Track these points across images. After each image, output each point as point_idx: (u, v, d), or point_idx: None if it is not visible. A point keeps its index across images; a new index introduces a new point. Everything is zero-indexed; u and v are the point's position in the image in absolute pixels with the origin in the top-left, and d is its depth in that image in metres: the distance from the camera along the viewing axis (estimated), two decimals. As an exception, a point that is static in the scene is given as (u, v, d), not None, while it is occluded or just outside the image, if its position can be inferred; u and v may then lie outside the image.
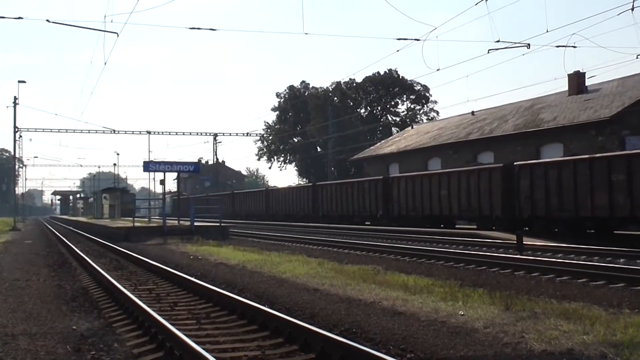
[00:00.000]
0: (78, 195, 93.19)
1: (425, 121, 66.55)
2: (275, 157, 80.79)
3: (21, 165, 79.00)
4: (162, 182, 33.60)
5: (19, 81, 46.55)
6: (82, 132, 57.31)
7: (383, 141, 55.53)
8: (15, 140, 49.58)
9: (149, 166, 30.73)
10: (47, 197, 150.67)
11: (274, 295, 9.62)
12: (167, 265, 13.86)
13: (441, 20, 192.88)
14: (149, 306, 8.05)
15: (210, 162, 76.99)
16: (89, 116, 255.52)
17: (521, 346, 5.99)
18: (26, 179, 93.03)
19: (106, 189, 58.91)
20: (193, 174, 50.45)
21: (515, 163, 23.85)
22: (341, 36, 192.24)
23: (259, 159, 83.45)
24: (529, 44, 22.66)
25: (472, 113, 44.14)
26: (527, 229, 22.02)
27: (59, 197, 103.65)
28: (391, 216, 31.76)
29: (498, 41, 22.51)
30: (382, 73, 70.64)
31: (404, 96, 72.92)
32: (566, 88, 35.99)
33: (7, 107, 48.51)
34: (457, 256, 15.28)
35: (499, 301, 8.20)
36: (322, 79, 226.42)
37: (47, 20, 26.93)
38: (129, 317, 8.08)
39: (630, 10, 17.19)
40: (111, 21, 40.73)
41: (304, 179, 74.32)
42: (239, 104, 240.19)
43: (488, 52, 23.80)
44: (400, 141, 48.91)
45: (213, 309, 8.63)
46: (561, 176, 21.01)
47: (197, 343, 5.92)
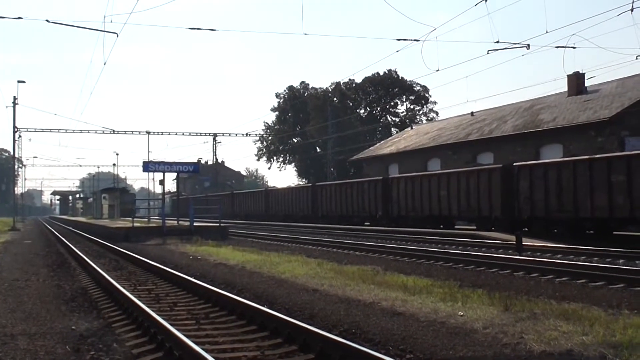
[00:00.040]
0: (77, 196, 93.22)
1: (424, 122, 66.60)
2: (275, 158, 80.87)
3: (20, 165, 79.01)
4: (162, 182, 33.62)
5: (18, 81, 46.67)
6: (81, 132, 57.32)
7: (382, 142, 55.55)
8: (14, 140, 49.68)
9: (148, 166, 30.73)
10: (46, 197, 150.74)
11: (273, 296, 9.62)
12: (166, 266, 13.86)
13: (441, 21, 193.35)
14: (148, 306, 8.05)
15: (210, 163, 77.02)
16: (88, 116, 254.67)
17: (520, 347, 5.99)
18: (25, 179, 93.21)
19: (105, 189, 58.92)
20: (192, 174, 50.42)
21: (515, 164, 23.87)
22: (341, 37, 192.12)
23: (258, 160, 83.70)
24: (528, 45, 22.67)
25: (472, 114, 44.15)
26: (526, 229, 22.01)
27: (58, 197, 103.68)
28: (390, 217, 31.77)
29: (498, 42, 22.51)
30: (381, 73, 70.71)
31: (404, 97, 72.98)
32: (566, 89, 36.02)
33: (7, 107, 48.57)
34: (457, 257, 15.29)
35: (498, 302, 8.20)
36: (321, 80, 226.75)
37: (47, 21, 26.98)
38: (129, 318, 8.08)
39: (629, 11, 17.16)
40: (111, 21, 40.81)
41: (304, 180, 74.35)
42: (238, 104, 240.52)
43: (488, 53, 23.84)
44: (400, 142, 48.92)
45: (212, 309, 8.63)
46: (561, 177, 21.02)
47: (196, 343, 5.92)
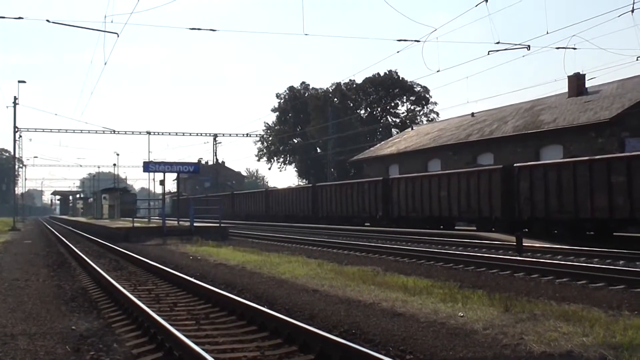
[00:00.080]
0: (78, 196, 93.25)
1: (425, 122, 66.57)
2: (275, 158, 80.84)
3: (21, 165, 79.04)
4: (162, 182, 33.64)
5: (19, 81, 46.64)
6: (82, 132, 57.44)
7: (383, 142, 55.54)
8: (15, 140, 49.67)
9: (148, 166, 30.74)
10: (46, 197, 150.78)
11: (273, 296, 9.61)
12: (166, 266, 13.86)
13: (441, 22, 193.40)
14: (148, 307, 8.05)
15: (210, 163, 77.03)
16: (88, 116, 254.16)
17: (520, 348, 5.99)
18: (26, 179, 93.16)
19: (106, 189, 58.93)
20: (193, 174, 50.37)
21: (515, 164, 23.86)
22: (341, 37, 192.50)
23: (258, 160, 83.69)
24: (529, 46, 22.66)
25: (472, 114, 44.14)
26: (526, 230, 22.00)
27: (58, 197, 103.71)
28: (391, 217, 31.76)
29: (498, 42, 22.48)
30: (382, 74, 70.67)
31: (404, 97, 72.93)
32: (566, 90, 36.00)
33: (7, 107, 48.54)
34: (457, 257, 15.28)
35: (498, 303, 8.20)
36: (322, 80, 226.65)
37: (47, 21, 27.00)
38: (129, 318, 8.08)
39: (630, 12, 17.19)
40: (111, 21, 40.87)
41: (304, 180, 74.32)
42: (239, 105, 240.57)
43: (488, 54, 23.82)
44: (400, 142, 48.91)
45: (212, 310, 8.63)
46: (561, 178, 21.01)
47: (196, 344, 5.92)
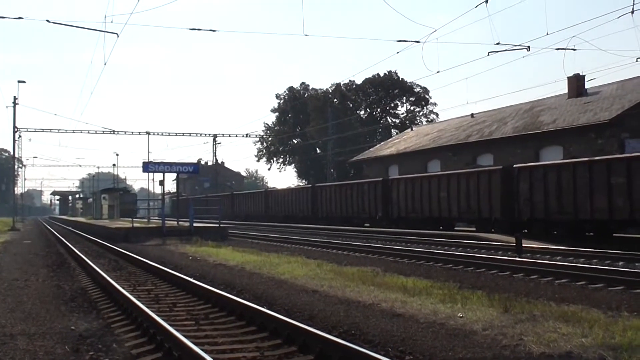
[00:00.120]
0: (77, 196, 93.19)
1: (424, 123, 66.60)
2: (275, 159, 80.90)
3: (20, 165, 78.95)
4: (162, 182, 33.63)
5: (18, 81, 46.69)
6: (81, 133, 57.37)
7: (382, 143, 55.55)
8: (14, 140, 49.72)
9: (148, 167, 30.71)
10: (46, 197, 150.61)
11: (272, 297, 9.61)
12: (166, 266, 13.85)
13: (441, 22, 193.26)
14: (147, 307, 8.04)
15: (210, 163, 77.02)
16: (88, 116, 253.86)
17: (520, 348, 5.99)
18: (25, 179, 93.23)
19: (105, 189, 58.91)
20: (192, 174, 50.32)
21: (515, 165, 23.87)
22: (341, 38, 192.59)
23: (258, 160, 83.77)
24: (528, 47, 22.64)
25: (472, 115, 44.14)
26: (526, 231, 22.01)
27: (58, 197, 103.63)
28: (390, 218, 31.76)
29: (498, 43, 22.47)
30: (382, 75, 70.73)
31: (404, 98, 72.97)
32: (566, 91, 36.01)
33: (7, 107, 48.59)
34: (456, 258, 15.29)
35: (497, 303, 8.20)
36: (321, 81, 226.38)
37: (47, 21, 27.02)
38: (128, 318, 8.08)
39: (630, 13, 17.17)
40: (111, 22, 40.86)
41: (304, 181, 74.34)
42: (238, 105, 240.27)
43: (488, 55, 23.90)
44: (400, 143, 48.92)
45: (212, 310, 8.63)
46: (560, 179, 21.02)
47: (195, 344, 5.92)
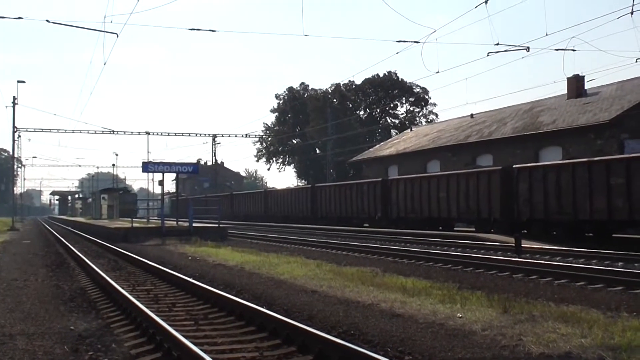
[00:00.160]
0: (76, 196, 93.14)
1: (424, 123, 66.63)
2: (274, 159, 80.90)
3: (20, 165, 78.88)
4: (161, 182, 33.64)
5: (18, 81, 46.76)
6: (81, 133, 57.40)
7: (382, 143, 55.56)
8: (14, 140, 49.72)
9: (147, 167, 30.71)
10: (45, 197, 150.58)
11: (272, 297, 9.61)
12: (165, 266, 13.85)
13: (441, 23, 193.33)
14: (147, 307, 8.04)
15: (209, 163, 77.00)
16: (88, 116, 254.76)
17: (519, 349, 5.99)
18: (25, 179, 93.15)
19: (105, 189, 58.85)
20: (192, 174, 50.37)
21: (514, 166, 23.88)
22: (341, 38, 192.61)
23: (257, 161, 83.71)
24: (528, 47, 22.65)
25: (471, 116, 44.14)
26: (525, 231, 22.01)
27: (57, 197, 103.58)
28: (390, 218, 31.76)
29: (498, 44, 22.51)
30: (381, 75, 70.77)
31: (403, 98, 73.01)
32: (565, 91, 36.02)
33: (6, 107, 48.56)
34: (456, 259, 15.29)
35: (497, 304, 8.20)
36: (321, 81, 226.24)
37: (47, 21, 27.03)
38: (127, 318, 8.08)
39: (629, 14, 17.20)
40: (111, 22, 40.91)
41: (303, 181, 74.35)
42: (238, 105, 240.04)
43: (487, 55, 23.94)
44: (399, 143, 48.93)
45: (211, 310, 8.63)
46: (560, 179, 21.03)
47: (195, 344, 5.92)
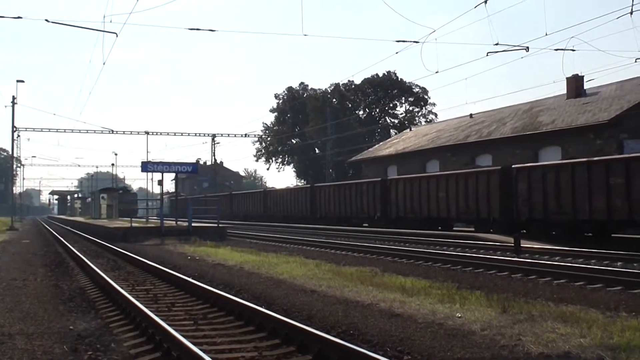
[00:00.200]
0: (76, 195, 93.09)
1: (423, 123, 66.63)
2: (274, 159, 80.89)
3: (19, 164, 78.87)
4: (160, 182, 33.60)
5: (17, 81, 46.83)
6: (80, 132, 57.58)
7: (381, 143, 55.56)
8: (13, 140, 49.81)
9: (147, 166, 30.70)
10: (44, 197, 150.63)
11: (271, 297, 9.61)
12: (164, 266, 13.84)
13: (440, 23, 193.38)
14: (146, 307, 8.04)
15: (209, 163, 77.02)
16: (87, 116, 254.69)
17: (518, 349, 6.00)
18: (24, 178, 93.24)
19: (104, 188, 58.76)
20: (191, 174, 50.27)
21: (514, 166, 23.88)
22: (340, 38, 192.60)
23: (257, 160, 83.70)
24: (527, 47, 22.68)
25: (471, 116, 44.15)
26: (524, 231, 22.00)
27: (56, 196, 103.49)
28: (389, 218, 31.77)
29: (497, 44, 22.58)
30: (380, 75, 70.75)
31: (403, 98, 73.00)
32: (565, 91, 36.03)
33: (6, 106, 48.67)
34: (455, 258, 15.29)
35: (496, 304, 8.21)
36: (320, 81, 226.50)
37: (46, 20, 27.07)
38: (126, 318, 8.07)
39: (629, 14, 17.22)
40: (110, 21, 40.74)
41: (302, 181, 74.34)
42: (237, 105, 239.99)
43: (487, 55, 23.98)
44: (399, 143, 48.93)
45: (210, 310, 8.62)
46: (559, 179, 21.03)
47: (194, 344, 5.91)
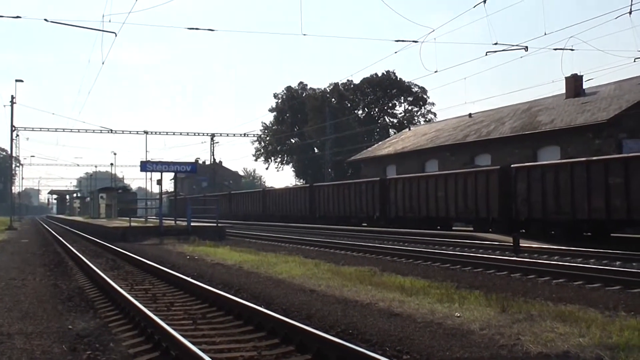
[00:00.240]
0: (75, 195, 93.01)
1: (422, 123, 66.62)
2: (273, 158, 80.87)
3: (18, 164, 78.82)
4: (159, 182, 33.60)
5: (16, 80, 46.72)
6: (79, 132, 57.60)
7: (380, 143, 55.56)
8: (12, 139, 49.80)
9: (146, 166, 30.67)
10: (43, 197, 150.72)
11: (270, 296, 9.61)
12: (163, 266, 13.84)
13: (439, 22, 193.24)
14: (145, 306, 8.03)
15: (208, 163, 77.03)
16: (86, 116, 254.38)
17: (517, 348, 6.00)
18: (23, 178, 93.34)
19: (103, 188, 58.72)
20: (190, 174, 50.31)
21: (512, 165, 23.89)
22: (339, 37, 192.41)
23: (256, 160, 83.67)
24: (526, 47, 22.70)
25: (470, 115, 44.15)
26: (523, 231, 22.03)
27: (55, 196, 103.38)
28: (388, 218, 31.77)
29: (496, 43, 22.59)
30: (379, 74, 70.73)
31: (402, 98, 73.00)
32: (564, 91, 36.05)
33: (5, 106, 48.67)
34: (454, 258, 15.30)
35: (495, 303, 8.21)
36: (319, 80, 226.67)
37: (45, 20, 27.02)
38: (125, 317, 8.07)
39: (628, 14, 17.23)
40: (109, 21, 40.56)
41: (301, 180, 74.32)
42: (236, 105, 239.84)
43: (486, 55, 23.97)
44: (398, 143, 48.94)
45: (209, 310, 8.62)
46: (558, 179, 21.04)
47: (193, 343, 5.91)
